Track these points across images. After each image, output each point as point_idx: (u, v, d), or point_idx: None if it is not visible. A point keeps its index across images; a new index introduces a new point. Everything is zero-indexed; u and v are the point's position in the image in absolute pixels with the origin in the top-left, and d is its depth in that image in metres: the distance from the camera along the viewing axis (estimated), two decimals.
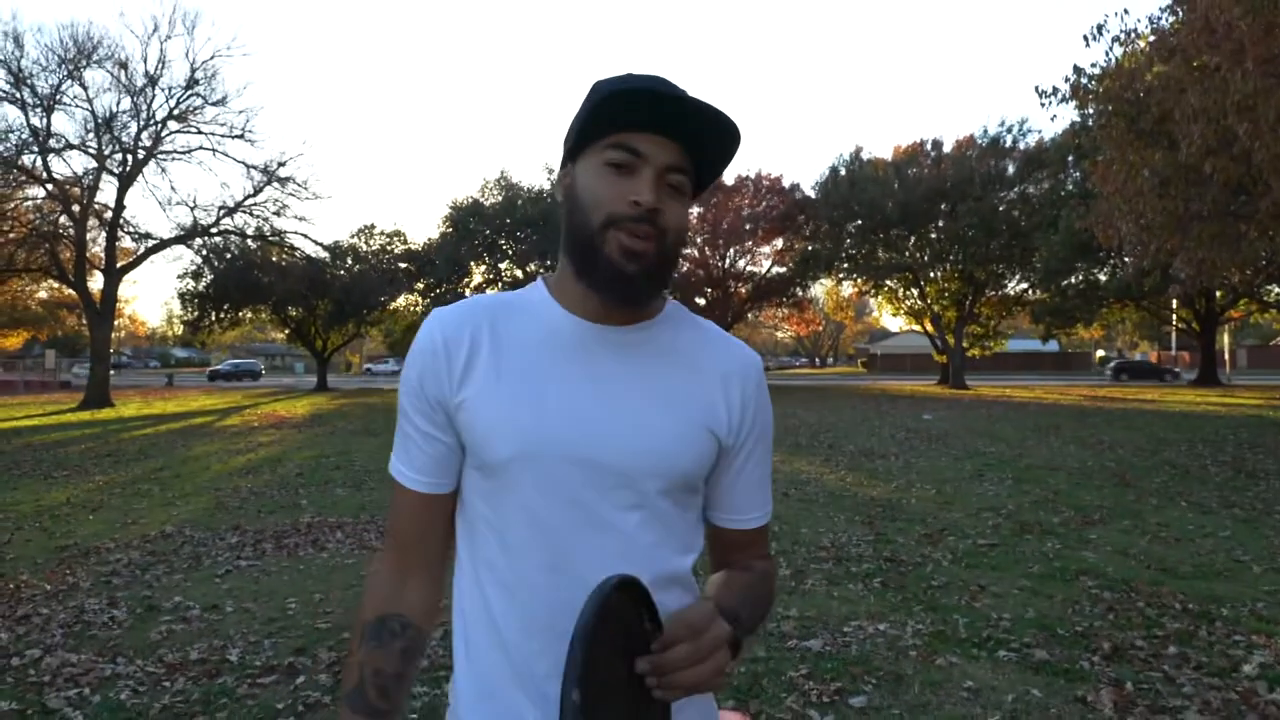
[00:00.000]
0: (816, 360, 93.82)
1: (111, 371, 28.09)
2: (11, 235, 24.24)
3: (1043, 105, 14.16)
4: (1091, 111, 14.38)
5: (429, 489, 0.97)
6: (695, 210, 36.67)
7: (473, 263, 34.92)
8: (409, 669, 0.96)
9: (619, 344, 0.96)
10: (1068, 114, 44.63)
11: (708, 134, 0.90)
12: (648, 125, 0.89)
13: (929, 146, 33.52)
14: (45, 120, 23.37)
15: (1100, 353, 75.62)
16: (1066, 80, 13.95)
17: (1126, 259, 20.16)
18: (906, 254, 33.22)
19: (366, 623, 0.96)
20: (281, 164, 26.49)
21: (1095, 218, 15.08)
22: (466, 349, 0.94)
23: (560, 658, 0.81)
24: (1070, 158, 27.78)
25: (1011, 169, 31.13)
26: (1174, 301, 31.62)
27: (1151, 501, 7.32)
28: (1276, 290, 28.99)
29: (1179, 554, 5.42)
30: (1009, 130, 31.87)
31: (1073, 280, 29.74)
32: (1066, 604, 4.34)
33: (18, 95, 22.83)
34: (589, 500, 0.91)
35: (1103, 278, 29.56)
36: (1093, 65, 14.18)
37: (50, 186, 23.96)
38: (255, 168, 26.31)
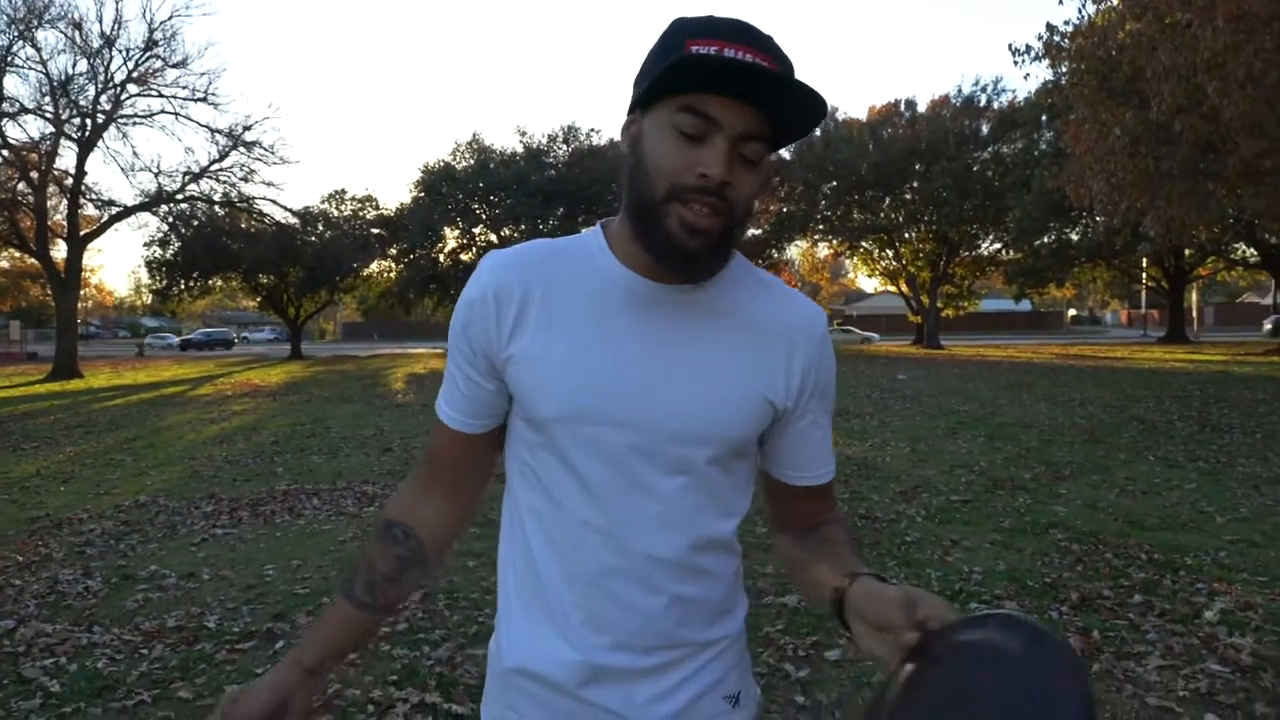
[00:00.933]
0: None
1: (81, 341, 27.60)
2: None
3: (1016, 64, 14.18)
4: (1064, 70, 14.40)
5: (467, 429, 0.98)
6: None
7: (446, 228, 34.52)
8: (403, 576, 0.99)
9: (676, 304, 0.91)
10: (1041, 72, 44.77)
11: (792, 105, 0.81)
12: (726, 89, 0.80)
13: (903, 107, 33.43)
14: None
15: (1072, 312, 76.62)
16: (1040, 38, 13.94)
17: (1098, 218, 20.35)
18: (881, 215, 33.29)
19: (379, 523, 1.02)
20: (247, 128, 25.95)
21: (1067, 177, 15.18)
22: (518, 302, 0.91)
23: (596, 610, 0.92)
24: (1043, 117, 27.82)
25: (985, 129, 31.17)
26: (1144, 260, 32.04)
27: (1120, 456, 7.48)
28: (1243, 248, 29.47)
29: (1146, 506, 5.55)
30: (983, 89, 31.87)
31: (1045, 240, 30.02)
32: (1036, 556, 4.44)
33: None
34: (631, 464, 0.90)
35: (1075, 237, 29.86)
36: (1066, 23, 14.18)
37: (6, 152, 23.27)
38: (220, 132, 25.72)
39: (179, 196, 26.39)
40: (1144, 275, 35.85)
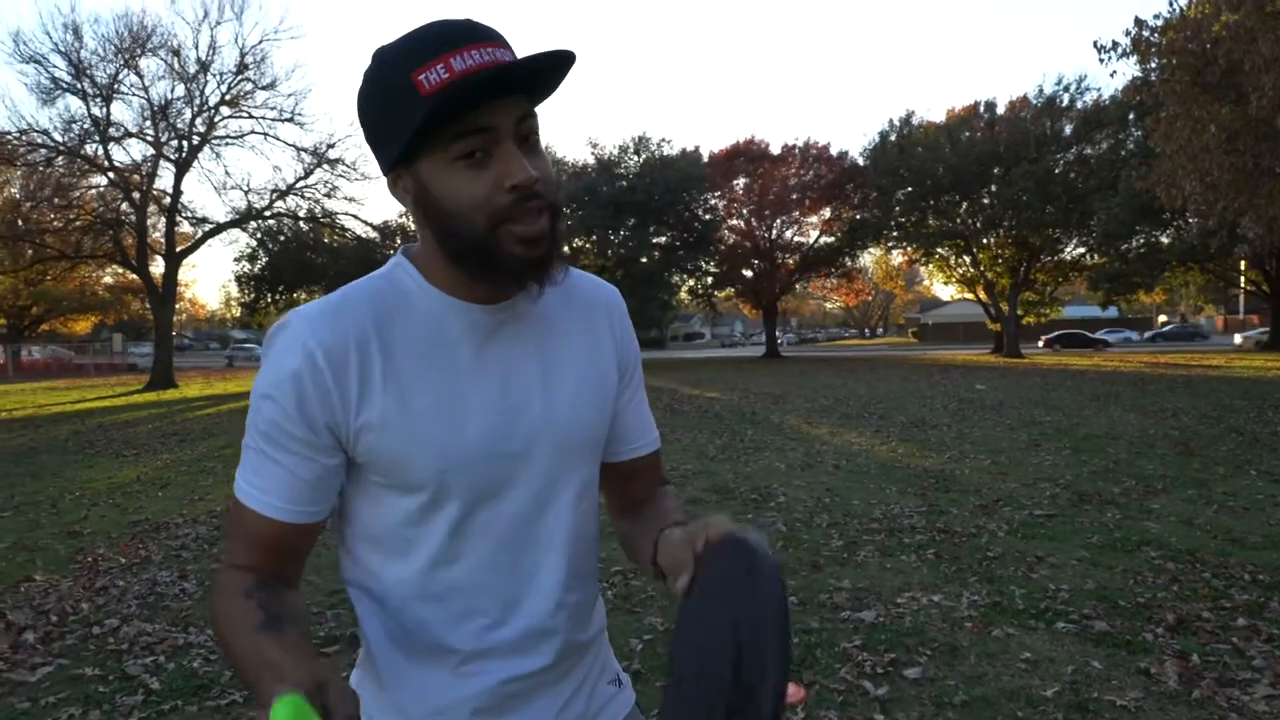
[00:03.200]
0: (866, 331, 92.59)
1: (176, 353, 28.99)
2: (78, 223, 25.16)
3: (1102, 61, 13.70)
4: (1154, 66, 13.82)
5: (306, 518, 0.84)
6: (740, 181, 36.38)
7: None
8: (306, 622, 0.82)
9: (515, 318, 0.88)
10: (1128, 69, 43.02)
11: (539, 65, 0.75)
12: (489, 96, 0.75)
13: (982, 109, 32.54)
14: (105, 109, 24.11)
15: (1162, 318, 73.21)
16: (1127, 34, 13.43)
17: (1191, 219, 19.44)
18: (958, 220, 32.45)
19: (247, 584, 0.80)
20: (330, 146, 27.01)
21: (1157, 177, 14.54)
22: (356, 364, 0.81)
23: (492, 645, 0.89)
24: (1130, 116, 26.74)
25: (1068, 129, 30.09)
26: (1242, 262, 30.39)
27: (1218, 470, 7.09)
28: None
29: (1247, 524, 5.24)
30: (1065, 89, 30.75)
31: (1133, 243, 28.82)
32: (1128, 575, 4.24)
33: (79, 85, 23.55)
34: (532, 492, 0.89)
35: (1165, 240, 28.59)
36: (1155, 17, 13.60)
37: (111, 174, 24.74)
38: (305, 150, 26.81)
39: (267, 213, 27.58)
40: (1242, 279, 33.98)
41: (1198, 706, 2.79)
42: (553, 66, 0.76)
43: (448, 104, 0.73)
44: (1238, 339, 39.45)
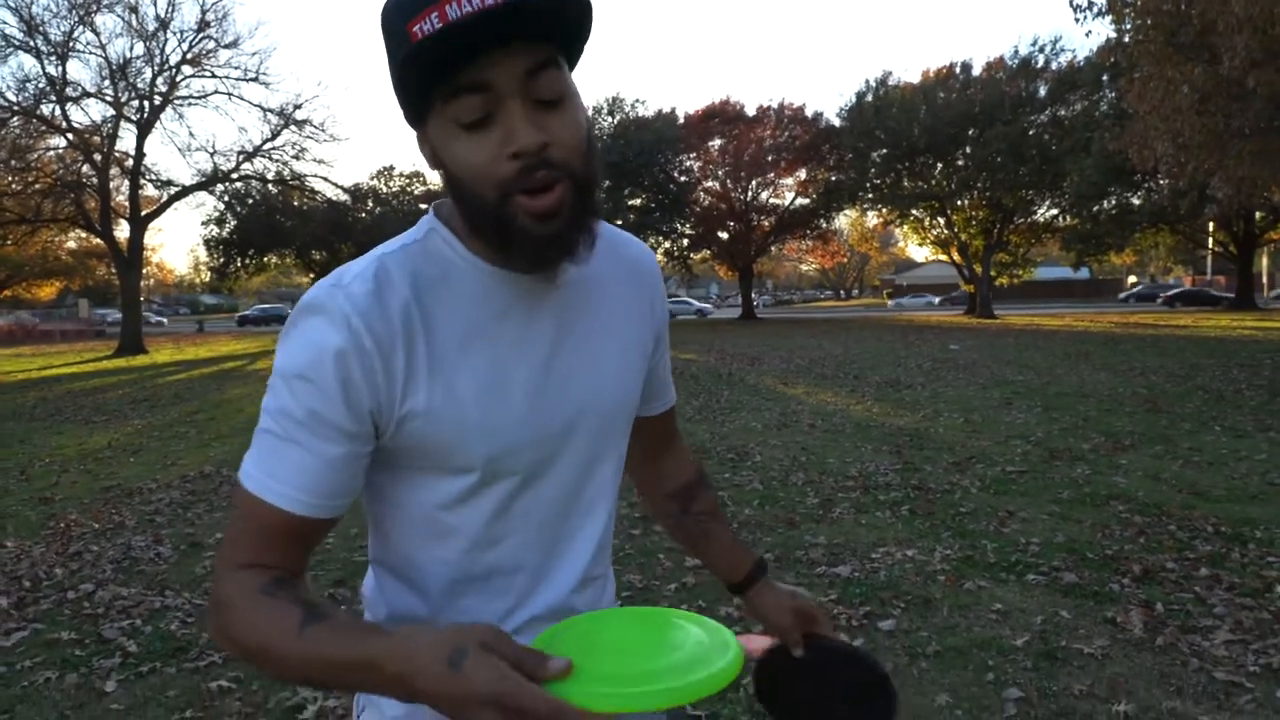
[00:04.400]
0: (841, 293, 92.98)
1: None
2: (37, 186, 24.47)
3: (1077, 20, 13.64)
4: (1129, 26, 13.80)
5: (325, 512, 0.75)
6: (715, 143, 36.11)
7: None
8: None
9: (558, 290, 0.82)
10: (1103, 29, 43.02)
11: (540, 5, 0.65)
12: (481, 45, 0.66)
13: (959, 70, 32.45)
14: (60, 68, 23.36)
15: (1132, 279, 74.21)
16: None
17: (1162, 180, 19.59)
18: (933, 182, 32.50)
19: (264, 582, 0.72)
20: (298, 106, 26.66)
21: (1130, 138, 14.62)
22: (403, 345, 0.74)
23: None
24: (1105, 77, 26.75)
25: (1043, 91, 30.11)
26: (1211, 224, 30.80)
27: (1184, 426, 7.25)
28: None
29: (1212, 478, 5.38)
30: (1041, 50, 30.79)
31: (1105, 205, 29.04)
32: (1096, 528, 4.34)
33: (31, 43, 22.76)
34: (575, 467, 0.86)
35: (1136, 201, 28.84)
36: None
37: (70, 135, 24.07)
38: (272, 111, 26.20)
39: (234, 175, 27.00)
40: (1210, 240, 34.47)
41: (1161, 653, 2.87)
42: (560, 4, 0.66)
43: (432, 57, 0.66)
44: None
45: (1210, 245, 35.58)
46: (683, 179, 34.54)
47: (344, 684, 0.67)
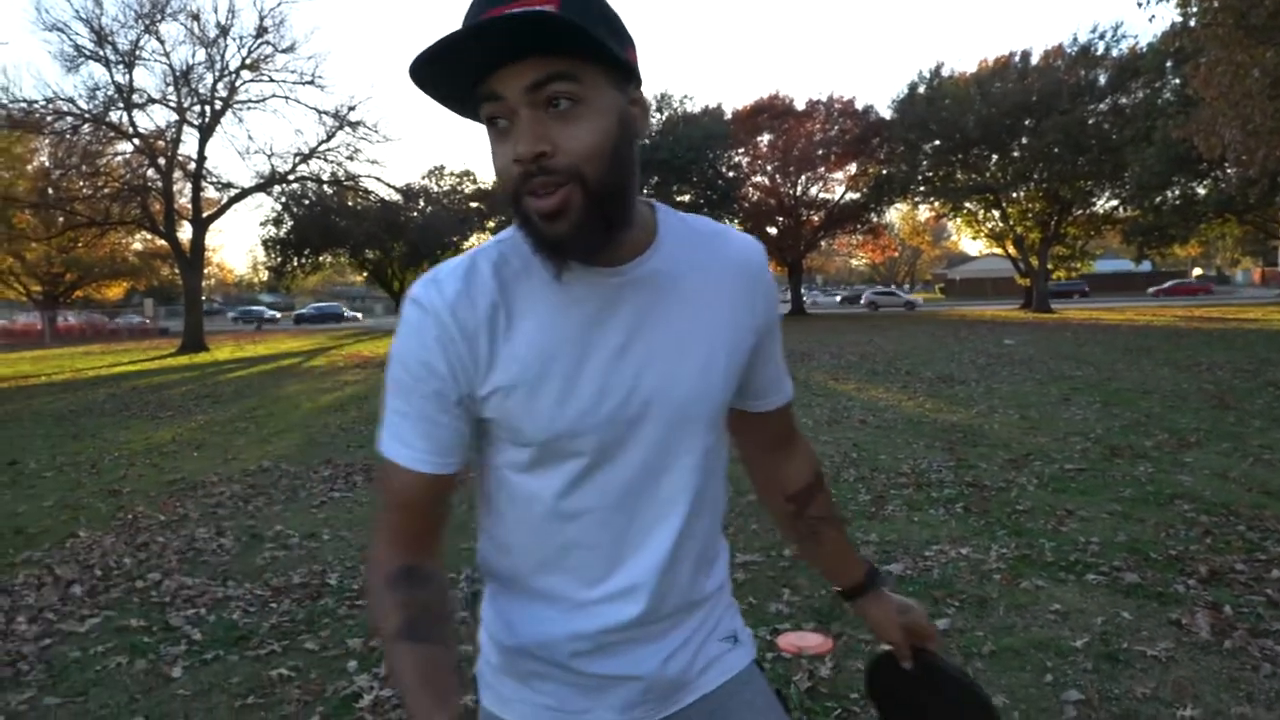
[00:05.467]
0: (893, 287, 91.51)
1: (206, 317, 29.38)
2: (106, 190, 25.40)
3: (1140, 5, 13.20)
4: (1195, 9, 13.31)
5: (441, 469, 0.87)
6: (764, 138, 35.81)
7: None
8: (448, 610, 0.87)
9: (635, 285, 0.86)
10: (1168, 14, 41.54)
11: (563, 21, 0.69)
12: (491, 60, 0.73)
13: (1017, 59, 31.63)
14: (128, 76, 24.19)
15: (1197, 271, 71.61)
16: None
17: (1230, 169, 18.87)
18: (987, 174, 31.77)
19: (392, 572, 0.85)
20: (352, 108, 27.11)
21: (1196, 126, 14.12)
22: (486, 331, 0.83)
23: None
24: (1169, 64, 25.82)
25: (1103, 79, 29.20)
26: None
27: (1254, 424, 6.97)
28: None
29: None
30: (1101, 37, 29.81)
31: (1168, 195, 28.03)
32: (1160, 528, 4.20)
33: (101, 52, 23.63)
34: (642, 456, 0.89)
35: (1201, 191, 27.76)
36: None
37: (136, 141, 24.90)
38: (327, 113, 26.78)
39: (290, 177, 27.66)
40: None
41: (1230, 656, 2.77)
42: (563, 22, 0.69)
43: (453, 67, 0.72)
44: (862, 299, 45.31)
45: None
46: (731, 174, 34.37)
47: (399, 694, 0.80)
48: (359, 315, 53.41)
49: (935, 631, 1.10)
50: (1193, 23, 13.84)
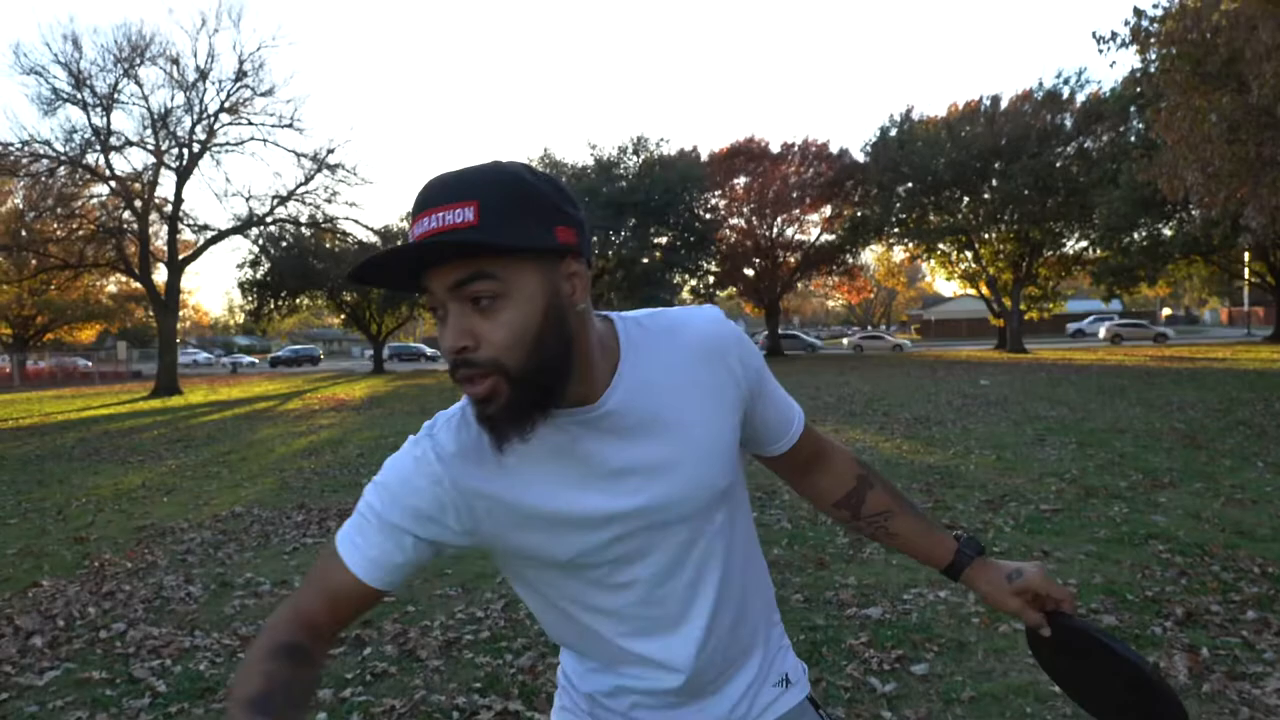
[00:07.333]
0: (869, 328, 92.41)
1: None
2: (80, 232, 25.22)
3: (1101, 52, 13.65)
4: (1153, 56, 13.77)
5: (383, 585, 0.90)
6: (740, 181, 36.33)
7: None
8: (308, 698, 0.84)
9: (609, 416, 0.89)
10: (1128, 60, 42.91)
11: (472, 236, 0.75)
12: (419, 269, 0.79)
13: (986, 103, 32.48)
14: (105, 119, 24.18)
15: (1166, 311, 73.02)
16: (1126, 24, 13.40)
17: (1193, 210, 19.38)
18: (959, 216, 32.39)
19: (280, 643, 0.85)
20: (330, 151, 27.08)
21: (1159, 169, 14.51)
22: (480, 483, 0.88)
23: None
24: (1132, 108, 26.66)
25: (1069, 123, 30.03)
26: (1245, 254, 30.29)
27: (1225, 463, 7.06)
28: None
29: (1256, 516, 5.22)
30: (1066, 82, 30.73)
31: (1135, 236, 28.73)
32: (1135, 569, 4.22)
33: (79, 96, 23.64)
34: (668, 555, 0.95)
35: (1168, 232, 28.50)
36: (1154, 6, 13.56)
37: (113, 183, 24.82)
38: (305, 156, 26.91)
39: (268, 219, 27.61)
40: (1246, 270, 33.88)
41: (1208, 700, 2.77)
42: (477, 237, 0.75)
43: (376, 274, 0.78)
44: (1101, 331, 41.68)
45: (1246, 276, 34.95)
46: (708, 216, 34.73)
47: None
48: (320, 355, 52.57)
49: (1065, 593, 1.02)
50: (1152, 69, 14.31)
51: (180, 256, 26.06)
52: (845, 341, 47.13)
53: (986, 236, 32.94)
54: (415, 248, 0.75)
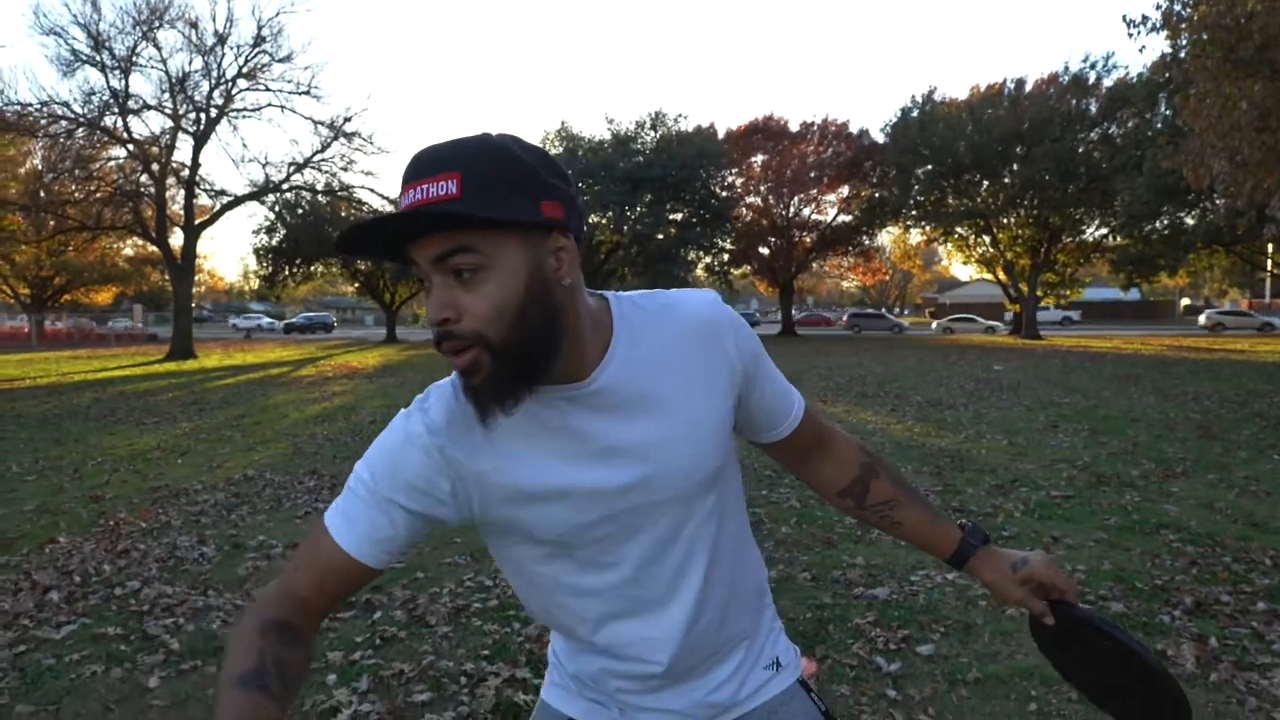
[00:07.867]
0: (883, 310, 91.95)
1: (195, 324, 29.24)
2: (98, 195, 25.30)
3: (1130, 36, 13.39)
4: (1184, 41, 13.49)
5: (374, 562, 0.89)
6: (758, 159, 36.03)
7: None
8: (302, 678, 0.84)
9: (601, 393, 0.88)
10: (1158, 45, 42.17)
11: (456, 210, 0.75)
12: (406, 239, 0.79)
13: (1010, 86, 31.98)
14: (124, 82, 24.16)
15: (1185, 301, 72.24)
16: (1157, 8, 13.13)
17: (1218, 200, 19.09)
18: (978, 200, 32.04)
19: (270, 620, 0.84)
20: (347, 119, 26.96)
21: (1184, 156, 14.25)
22: (470, 456, 0.87)
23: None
24: (1160, 94, 26.18)
25: (1094, 108, 29.56)
26: (1269, 245, 29.87)
27: (1240, 454, 7.01)
28: None
29: (1269, 508, 5.19)
30: (1093, 66, 30.18)
31: (1157, 225, 28.32)
32: (1145, 557, 4.21)
33: (97, 58, 23.58)
34: (654, 535, 0.94)
35: (1190, 221, 28.07)
36: None
37: (131, 146, 24.82)
38: (322, 123, 26.81)
39: (284, 186, 27.62)
40: (1269, 261, 33.43)
41: (1215, 690, 2.77)
42: (458, 210, 0.75)
43: (362, 243, 0.78)
44: (1201, 319, 39.64)
45: (1269, 267, 34.50)
46: (724, 194, 34.51)
47: None
48: (334, 322, 52.80)
49: (1068, 582, 1.02)
50: (1182, 54, 14.03)
51: (196, 221, 26.12)
52: (934, 325, 44.87)
53: (1005, 221, 32.61)
54: (396, 218, 0.75)
